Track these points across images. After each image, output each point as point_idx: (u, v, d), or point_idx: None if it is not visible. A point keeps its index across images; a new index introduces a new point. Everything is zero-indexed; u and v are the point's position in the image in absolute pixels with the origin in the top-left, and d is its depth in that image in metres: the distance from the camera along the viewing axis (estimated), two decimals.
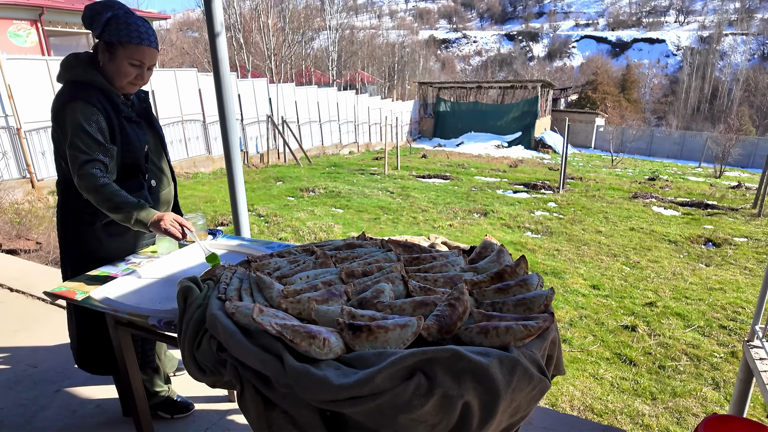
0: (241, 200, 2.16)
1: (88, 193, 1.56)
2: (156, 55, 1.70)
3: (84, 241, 1.74)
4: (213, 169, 13.84)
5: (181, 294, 1.19)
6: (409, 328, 1.00)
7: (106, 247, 1.75)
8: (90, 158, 1.56)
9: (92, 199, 1.57)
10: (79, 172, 1.55)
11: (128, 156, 1.70)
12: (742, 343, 2.29)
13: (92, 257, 1.74)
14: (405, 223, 8.93)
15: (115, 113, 1.66)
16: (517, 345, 0.98)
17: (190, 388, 2.15)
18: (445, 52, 78.43)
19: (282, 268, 1.38)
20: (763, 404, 3.81)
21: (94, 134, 1.57)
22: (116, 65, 1.63)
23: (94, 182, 1.54)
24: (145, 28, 1.64)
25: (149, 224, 1.57)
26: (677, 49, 67.40)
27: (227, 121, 2.07)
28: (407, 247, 1.48)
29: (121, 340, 1.47)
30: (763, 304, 2.20)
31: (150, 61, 1.68)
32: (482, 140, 24.97)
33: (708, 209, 11.06)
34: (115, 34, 1.59)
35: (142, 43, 1.62)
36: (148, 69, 1.70)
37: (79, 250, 1.75)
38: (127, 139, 1.69)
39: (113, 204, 1.55)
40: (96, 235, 1.73)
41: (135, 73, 1.65)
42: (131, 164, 1.71)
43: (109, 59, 1.63)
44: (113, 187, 1.57)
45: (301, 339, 0.94)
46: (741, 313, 5.71)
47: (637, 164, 22.82)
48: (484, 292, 1.22)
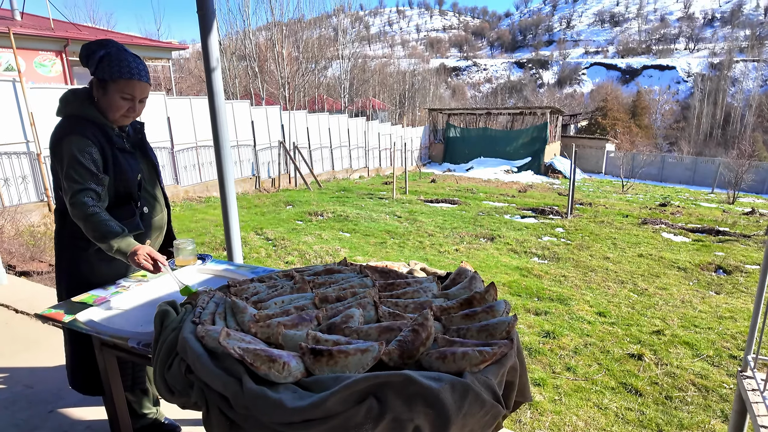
0: (233, 226, 2.23)
1: (78, 220, 1.66)
2: (147, 89, 1.81)
3: (77, 266, 1.82)
4: None
5: (158, 317, 1.24)
6: (369, 353, 1.04)
7: (98, 272, 1.83)
8: (82, 187, 1.65)
9: (82, 227, 1.67)
10: (72, 200, 1.64)
11: (121, 184, 1.79)
12: (736, 374, 2.25)
13: (85, 281, 1.82)
14: (411, 247, 8.94)
15: (109, 145, 1.76)
16: (472, 371, 1.00)
17: (179, 410, 2.17)
18: (456, 79, 79.68)
19: (260, 293, 1.43)
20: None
21: (87, 165, 1.67)
22: (109, 100, 1.74)
23: (84, 211, 1.63)
24: (136, 64, 1.75)
25: (127, 255, 1.65)
26: (688, 75, 67.57)
27: (221, 150, 2.16)
28: (384, 273, 1.52)
29: (106, 362, 1.51)
30: (754, 332, 2.17)
31: (141, 95, 1.79)
32: (492, 165, 25.05)
33: (719, 236, 10.88)
34: (107, 71, 1.70)
35: (132, 78, 1.72)
36: (140, 102, 1.81)
37: (72, 274, 1.83)
38: (120, 168, 1.78)
39: (99, 233, 1.64)
40: (89, 260, 1.81)
41: (127, 106, 1.76)
42: (124, 192, 1.81)
43: (102, 94, 1.74)
44: (101, 216, 1.66)
45: (261, 362, 0.97)
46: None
47: (649, 190, 22.63)
48: (452, 318, 1.25)
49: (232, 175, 2.21)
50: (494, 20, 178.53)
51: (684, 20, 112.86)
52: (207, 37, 1.99)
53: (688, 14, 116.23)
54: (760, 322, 2.16)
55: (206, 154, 13.49)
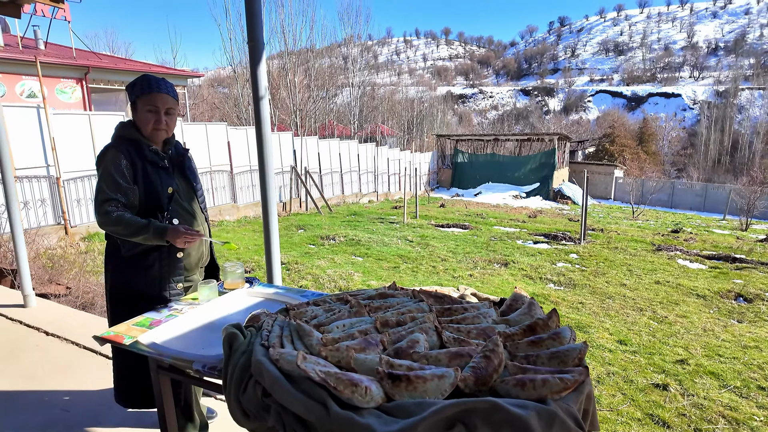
0: (274, 249, 2.26)
1: (106, 227, 1.81)
2: (169, 100, 1.97)
3: (116, 273, 1.97)
4: (237, 217, 14.20)
5: (226, 340, 1.25)
6: (446, 378, 1.04)
7: (135, 279, 1.94)
8: (107, 197, 1.81)
9: (114, 232, 1.82)
10: (98, 210, 1.80)
11: (150, 195, 1.92)
12: None
13: (123, 288, 1.95)
14: (425, 272, 8.91)
15: (140, 158, 1.92)
16: (553, 398, 1.00)
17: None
18: (462, 106, 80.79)
19: (319, 317, 1.44)
20: None
21: (115, 177, 1.84)
22: (139, 116, 1.94)
23: (110, 217, 1.78)
24: (156, 81, 1.94)
25: (166, 234, 1.81)
26: (694, 102, 68.11)
27: (267, 175, 2.21)
28: (438, 298, 1.53)
29: (161, 385, 1.52)
30: None
31: (164, 106, 1.95)
32: (500, 190, 25.11)
33: (736, 263, 10.75)
34: (136, 92, 1.93)
35: (152, 92, 1.91)
36: (167, 114, 1.97)
37: (112, 281, 1.98)
38: (149, 180, 1.93)
39: (131, 230, 1.79)
40: (125, 267, 1.94)
41: (153, 118, 1.93)
42: (153, 203, 1.93)
43: (135, 113, 1.95)
44: (127, 215, 1.81)
45: (345, 387, 0.98)
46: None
47: (659, 216, 22.52)
48: (517, 344, 1.25)
49: (275, 200, 2.25)
50: (500, 49, 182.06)
51: (688, 49, 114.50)
52: (256, 67, 2.07)
53: (691, 43, 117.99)
54: None
55: (220, 179, 13.68)
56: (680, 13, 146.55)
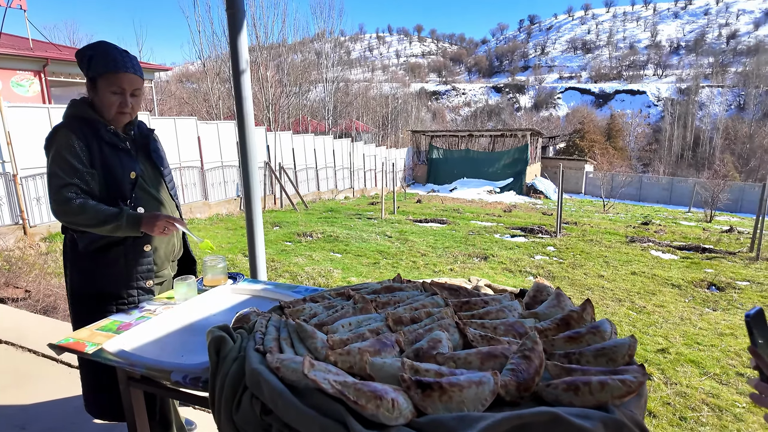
0: (259, 242, 2.04)
1: (66, 217, 1.56)
2: (137, 81, 1.72)
3: (76, 272, 1.72)
4: (209, 214, 13.73)
5: (213, 346, 1.04)
6: (485, 385, 0.87)
7: (98, 277, 1.70)
8: (65, 182, 1.56)
9: (73, 222, 1.57)
10: (57, 197, 1.55)
11: (110, 181, 1.68)
12: None
13: (85, 288, 1.70)
14: (405, 267, 8.77)
15: (96, 139, 1.67)
16: (614, 404, 0.85)
17: None
18: (436, 103, 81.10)
19: (319, 315, 1.25)
20: None
21: (70, 159, 1.59)
22: (101, 98, 1.68)
23: (71, 205, 1.54)
24: (122, 57, 1.68)
25: (141, 224, 1.58)
26: (658, 99, 70.46)
27: (249, 158, 1.99)
28: (453, 290, 1.36)
29: (132, 399, 1.30)
30: None
31: (130, 87, 1.70)
32: (475, 186, 25.27)
33: (706, 253, 11.05)
34: (95, 68, 1.66)
35: (118, 71, 1.65)
36: (133, 96, 1.72)
37: (72, 281, 1.73)
38: (107, 163, 1.68)
39: (98, 219, 1.55)
40: (86, 265, 1.70)
41: (118, 101, 1.68)
42: (114, 190, 1.69)
43: (95, 94, 1.68)
44: (91, 203, 1.57)
45: (367, 400, 0.80)
46: None
47: (629, 209, 23.09)
48: (553, 341, 1.09)
49: (259, 193, 2.04)
50: (471, 47, 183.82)
51: (652, 48, 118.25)
52: (237, 37, 1.84)
53: (655, 42, 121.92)
54: None
55: (190, 175, 13.18)
56: (644, 12, 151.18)
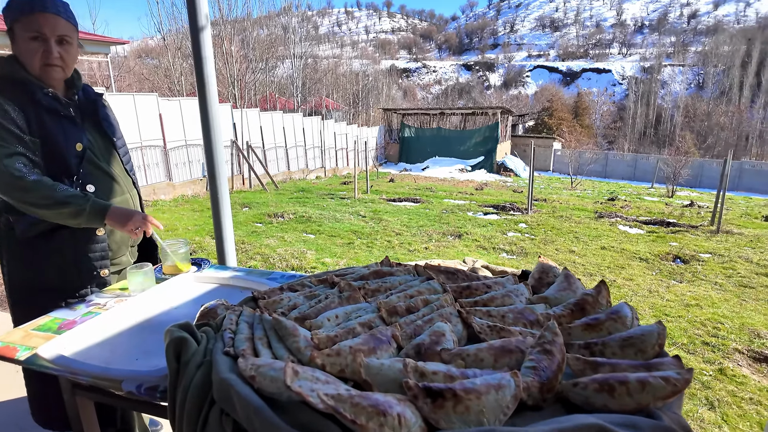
0: (227, 225, 1.83)
1: (14, 192, 1.30)
2: (61, 24, 1.43)
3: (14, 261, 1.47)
4: (174, 196, 13.19)
5: (172, 349, 0.86)
6: (506, 389, 0.73)
7: (41, 267, 1.45)
8: (10, 152, 1.30)
9: (22, 198, 1.31)
10: (5, 169, 1.28)
11: (50, 153, 1.42)
12: None
13: (26, 281, 1.46)
14: (380, 247, 8.65)
15: (32, 104, 1.41)
16: (656, 406, 0.72)
17: None
18: (407, 80, 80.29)
19: (300, 306, 1.08)
20: None
21: (8, 126, 1.33)
22: (19, 47, 1.41)
23: (25, 180, 1.29)
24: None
25: (108, 212, 1.37)
26: (622, 78, 71.97)
27: (212, 136, 1.77)
28: (450, 274, 1.21)
29: (80, 410, 1.10)
30: None
31: (53, 31, 1.41)
32: (447, 164, 25.27)
33: (670, 227, 11.40)
34: (10, 14, 1.39)
35: (33, 11, 1.37)
36: (59, 43, 1.44)
37: (10, 273, 1.48)
38: (47, 133, 1.41)
39: (55, 199, 1.31)
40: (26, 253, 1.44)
41: (40, 48, 1.41)
42: (57, 164, 1.43)
43: (14, 45, 1.42)
44: (47, 180, 1.33)
45: (367, 418, 0.64)
46: (720, 328, 5.71)
47: (595, 186, 23.63)
48: (570, 330, 0.96)
49: (225, 171, 1.83)
50: (441, 23, 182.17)
51: (617, 26, 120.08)
52: None
53: (620, 21, 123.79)
54: None
55: (152, 155, 12.56)
56: None
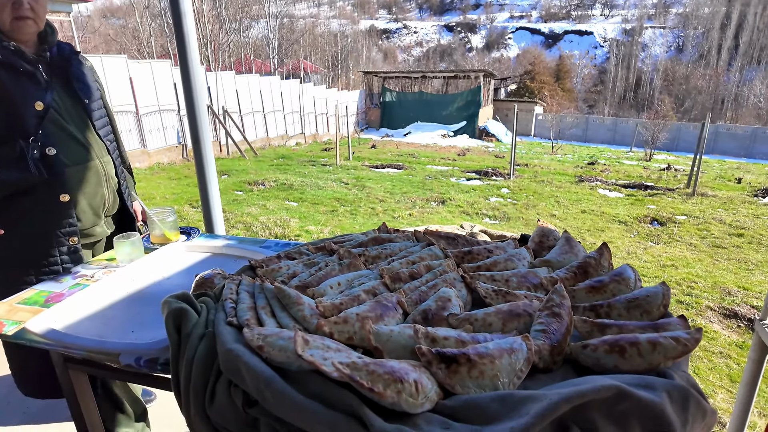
0: (213, 193, 1.77)
1: None
2: None
3: None
4: (149, 164, 12.82)
5: (171, 321, 0.83)
6: (518, 353, 0.72)
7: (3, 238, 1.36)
8: None
9: None
10: None
11: (6, 112, 1.32)
12: (755, 324, 2.23)
13: None
14: (364, 214, 8.63)
15: None
16: (666, 365, 0.73)
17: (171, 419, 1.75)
18: (387, 42, 78.23)
19: (299, 275, 1.05)
20: None
21: None
22: None
23: None
24: None
25: None
26: (604, 41, 71.52)
27: (194, 97, 1.67)
28: (450, 239, 1.20)
29: (74, 383, 1.07)
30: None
31: None
32: (429, 130, 25.07)
33: (648, 190, 11.65)
34: None
35: None
36: None
37: None
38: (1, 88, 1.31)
39: None
40: None
41: (9, 1, 1.30)
42: (12, 124, 1.34)
43: None
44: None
45: (385, 385, 0.63)
46: (694, 287, 5.94)
47: (575, 150, 23.86)
48: (574, 292, 0.96)
49: (209, 136, 1.74)
50: None
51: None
52: None
53: None
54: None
55: (124, 121, 12.09)
56: None
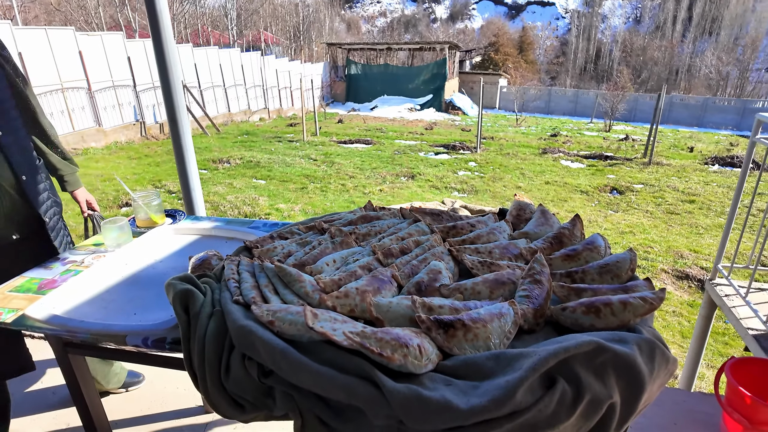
0: (192, 173, 1.76)
1: None
2: None
3: None
4: (106, 143, 12.26)
5: (179, 302, 0.86)
6: (506, 317, 0.80)
7: None
8: None
9: None
10: None
11: None
12: (706, 284, 2.44)
13: None
14: (334, 190, 8.62)
15: None
16: (635, 322, 0.82)
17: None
18: (350, 12, 76.23)
19: (295, 254, 1.10)
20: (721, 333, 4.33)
21: None
22: None
23: None
24: None
25: None
26: (566, 12, 72.18)
27: (169, 73, 1.64)
28: (435, 215, 1.26)
29: (75, 368, 1.09)
30: (724, 246, 2.33)
31: None
32: (395, 104, 24.92)
33: (607, 160, 12.10)
34: None
35: None
36: None
37: None
38: None
39: None
40: None
41: None
42: None
43: None
44: None
45: (392, 350, 0.69)
46: (651, 252, 6.34)
47: (539, 122, 24.33)
48: (551, 261, 1.05)
49: (185, 114, 1.71)
50: None
51: None
52: None
53: None
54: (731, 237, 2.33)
55: (76, 98, 11.44)
56: None
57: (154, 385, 1.89)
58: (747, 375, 1.53)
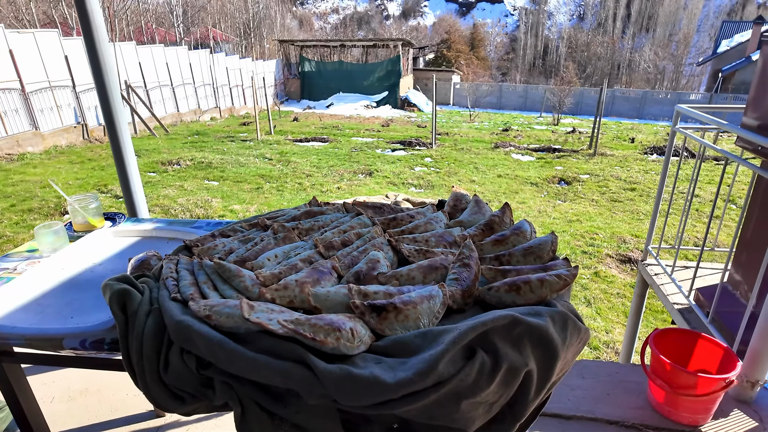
0: (133, 175, 1.72)
1: None
2: None
3: None
4: (45, 147, 11.57)
5: (115, 302, 0.86)
6: (436, 298, 0.86)
7: None
8: None
9: None
10: None
11: None
12: (638, 265, 2.63)
13: None
14: (291, 190, 8.54)
15: None
16: (552, 297, 0.90)
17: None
18: (301, 8, 75.20)
19: (236, 251, 1.11)
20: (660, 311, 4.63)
21: None
22: None
23: None
24: None
25: None
26: (514, 9, 74.33)
27: (104, 73, 1.60)
28: (377, 209, 1.31)
29: (11, 379, 1.06)
30: (653, 229, 2.52)
31: None
32: (351, 101, 24.89)
33: (556, 153, 12.61)
34: None
35: None
36: None
37: None
38: None
39: None
40: None
41: None
42: None
43: None
44: None
45: (325, 334, 0.73)
46: (596, 238, 6.69)
47: (491, 117, 24.99)
48: (482, 246, 1.12)
49: (124, 116, 1.67)
50: None
51: None
52: None
53: None
54: (659, 221, 2.52)
55: (8, 100, 10.73)
56: None
57: (101, 393, 1.84)
58: (669, 345, 1.67)
